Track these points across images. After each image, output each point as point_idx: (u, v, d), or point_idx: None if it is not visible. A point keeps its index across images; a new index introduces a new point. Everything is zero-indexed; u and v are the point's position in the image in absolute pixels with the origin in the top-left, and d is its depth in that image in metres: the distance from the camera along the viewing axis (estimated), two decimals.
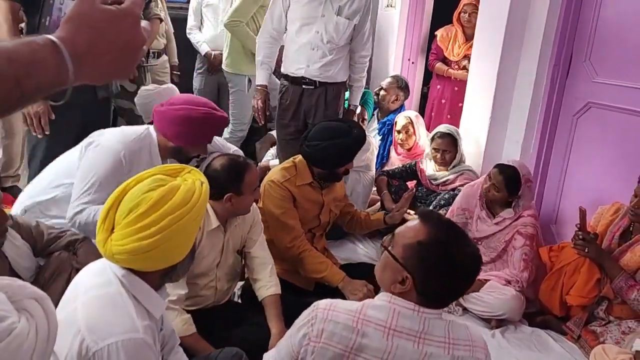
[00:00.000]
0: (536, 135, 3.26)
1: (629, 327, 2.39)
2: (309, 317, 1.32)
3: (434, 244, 1.29)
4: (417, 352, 1.25)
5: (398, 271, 1.30)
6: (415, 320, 1.27)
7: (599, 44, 2.95)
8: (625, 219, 2.52)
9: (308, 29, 3.14)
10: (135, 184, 1.30)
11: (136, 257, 1.25)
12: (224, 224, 2.16)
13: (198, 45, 4.27)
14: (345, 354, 1.26)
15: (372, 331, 1.27)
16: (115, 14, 0.69)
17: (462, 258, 1.29)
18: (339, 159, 2.55)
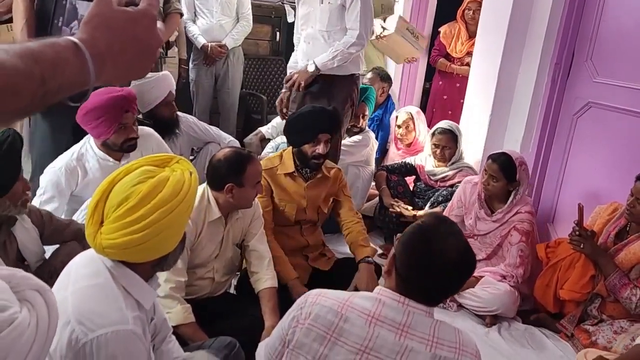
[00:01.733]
0: (536, 133, 3.26)
1: (621, 327, 2.40)
2: (300, 302, 1.36)
3: (418, 229, 1.31)
4: (398, 345, 1.24)
5: (392, 259, 1.32)
6: (400, 312, 1.27)
7: (600, 44, 2.94)
8: (622, 219, 2.53)
9: (306, 26, 3.19)
10: (123, 176, 1.29)
11: (127, 251, 1.25)
12: (225, 216, 2.17)
13: (194, 38, 4.27)
14: (327, 337, 1.27)
15: (355, 317, 1.27)
16: (132, 15, 0.70)
17: (446, 248, 1.26)
18: (300, 130, 2.56)
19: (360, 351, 1.25)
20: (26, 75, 0.59)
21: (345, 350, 1.26)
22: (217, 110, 4.62)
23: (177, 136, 3.12)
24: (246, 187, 2.10)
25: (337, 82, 3.19)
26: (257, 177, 2.13)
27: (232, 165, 2.08)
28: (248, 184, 2.09)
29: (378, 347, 1.24)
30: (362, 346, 1.25)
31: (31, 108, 0.62)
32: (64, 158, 2.43)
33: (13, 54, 0.59)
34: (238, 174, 2.08)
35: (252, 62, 5.03)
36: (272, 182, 2.59)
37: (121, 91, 2.42)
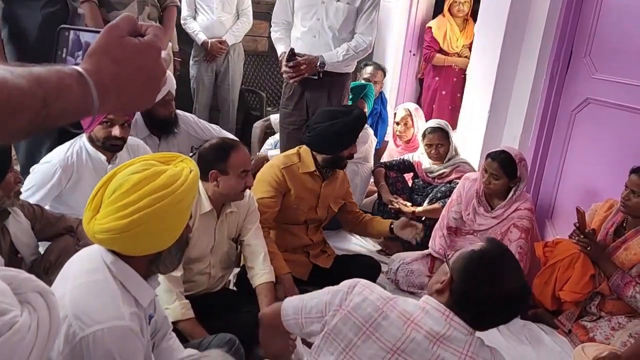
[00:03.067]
0: (534, 130, 3.27)
1: (619, 323, 2.41)
2: (350, 286, 1.39)
3: (484, 254, 1.33)
4: (430, 352, 1.26)
5: (444, 272, 1.36)
6: (441, 324, 1.29)
7: (599, 40, 2.95)
8: (618, 215, 2.54)
9: (310, 16, 3.12)
10: (125, 168, 1.31)
11: (115, 238, 1.25)
12: (217, 209, 2.18)
13: (194, 35, 4.26)
14: (363, 329, 1.31)
15: (395, 317, 1.31)
16: (138, 47, 0.71)
17: (507, 280, 1.30)
18: (341, 139, 2.55)
19: (392, 351, 1.28)
20: (28, 95, 0.60)
21: (377, 346, 1.29)
22: (217, 107, 4.62)
23: (175, 135, 3.11)
24: (230, 175, 2.09)
25: (336, 80, 3.19)
26: (241, 165, 2.11)
27: (216, 152, 2.11)
28: (232, 171, 2.09)
29: (410, 351, 1.27)
30: (394, 346, 1.28)
31: (31, 129, 0.63)
32: (59, 154, 2.36)
33: (17, 74, 0.60)
34: (222, 161, 2.09)
35: (251, 59, 5.03)
36: (292, 179, 2.57)
37: None
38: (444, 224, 2.98)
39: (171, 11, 3.52)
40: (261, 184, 2.56)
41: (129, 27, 0.71)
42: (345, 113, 2.58)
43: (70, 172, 2.36)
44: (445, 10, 4.56)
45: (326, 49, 3.11)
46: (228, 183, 2.10)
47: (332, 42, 3.11)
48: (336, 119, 2.53)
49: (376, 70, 4.22)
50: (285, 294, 2.24)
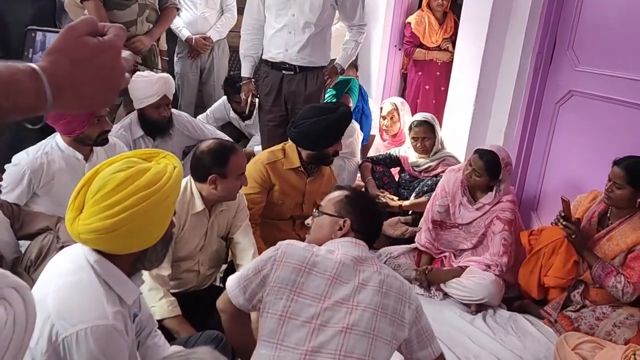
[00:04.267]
0: (519, 122, 3.30)
1: (603, 313, 2.44)
2: (274, 247, 1.59)
3: (356, 193, 1.79)
4: (355, 271, 1.56)
5: (334, 222, 1.68)
6: (356, 249, 1.62)
7: (581, 32, 2.97)
8: (601, 205, 2.57)
9: (284, 13, 3.13)
10: (107, 166, 1.30)
11: (101, 237, 1.24)
12: (209, 208, 2.17)
13: (178, 31, 4.24)
14: (302, 267, 1.52)
15: (324, 253, 1.57)
16: (97, 47, 0.71)
17: (373, 201, 1.83)
18: (326, 136, 2.56)
19: (331, 277, 1.52)
20: None
21: (319, 277, 1.52)
22: (203, 104, 4.60)
23: (170, 136, 3.08)
24: (230, 178, 2.09)
25: (312, 73, 3.20)
26: (240, 168, 2.13)
27: (216, 156, 2.09)
28: (231, 175, 2.09)
29: (342, 274, 1.54)
30: (331, 274, 1.53)
31: None
32: (28, 156, 2.33)
33: None
34: (221, 165, 2.08)
35: (236, 55, 4.97)
36: (276, 175, 2.58)
37: None
38: (429, 218, 3.00)
39: (170, 12, 3.50)
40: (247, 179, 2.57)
41: (88, 27, 0.71)
42: (331, 110, 2.59)
43: (39, 174, 2.32)
44: (424, 5, 4.57)
45: (302, 44, 3.12)
46: (227, 186, 2.11)
47: (307, 38, 3.11)
48: (322, 116, 2.54)
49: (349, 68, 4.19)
50: None
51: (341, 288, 1.52)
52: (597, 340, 2.20)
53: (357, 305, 1.49)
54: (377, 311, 1.50)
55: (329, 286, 1.51)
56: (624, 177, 2.38)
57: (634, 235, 2.39)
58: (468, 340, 2.47)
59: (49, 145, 2.38)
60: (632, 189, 2.37)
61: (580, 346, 2.13)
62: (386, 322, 1.50)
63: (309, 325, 1.46)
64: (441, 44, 4.50)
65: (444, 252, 3.00)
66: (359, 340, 1.45)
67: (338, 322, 1.47)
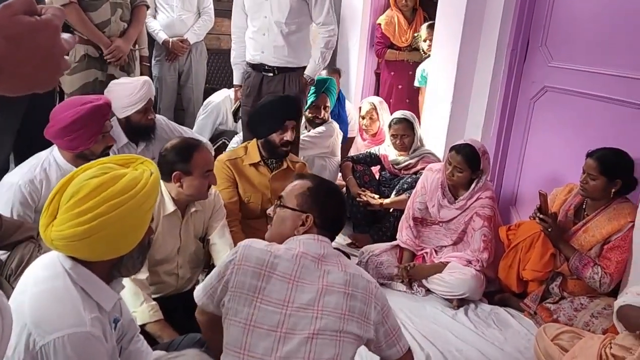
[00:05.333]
0: (496, 119, 3.34)
1: (581, 304, 2.48)
2: (234, 250, 1.55)
3: (319, 185, 1.70)
4: (318, 270, 1.53)
5: (297, 217, 1.62)
6: (317, 247, 1.57)
7: (553, 29, 3.02)
8: (577, 197, 2.62)
9: (258, 15, 3.16)
10: (82, 172, 1.28)
11: (74, 244, 1.23)
12: (182, 209, 2.16)
13: (155, 34, 4.21)
14: (262, 271, 1.48)
15: (283, 253, 1.53)
16: (33, 25, 0.68)
17: (336, 191, 1.75)
18: (264, 120, 2.60)
19: (292, 280, 1.49)
20: None
21: (279, 281, 1.48)
22: (182, 107, 4.58)
23: (152, 141, 3.07)
24: (194, 175, 2.08)
25: (291, 74, 3.21)
26: (205, 165, 2.11)
27: (179, 153, 2.09)
28: (196, 172, 2.08)
29: (304, 275, 1.51)
30: (291, 276, 1.50)
31: None
32: (26, 174, 2.29)
33: None
34: (185, 161, 2.07)
35: (215, 57, 4.99)
36: (237, 172, 2.62)
37: (99, 99, 2.36)
38: (410, 215, 3.03)
39: (140, 10, 3.47)
40: None
41: (24, 6, 0.68)
42: (279, 96, 2.68)
43: (39, 190, 2.29)
44: (392, 4, 4.60)
45: (275, 45, 3.14)
46: (192, 183, 2.09)
47: (281, 38, 3.13)
48: (267, 101, 2.64)
49: (331, 73, 4.21)
50: None
51: (304, 291, 1.48)
52: (575, 330, 2.24)
53: (323, 310, 1.46)
54: (343, 315, 1.47)
55: (291, 290, 1.48)
56: (597, 168, 2.43)
57: (609, 226, 2.45)
58: (450, 335, 2.50)
59: (47, 161, 2.34)
60: (606, 179, 2.42)
61: (559, 336, 2.17)
62: (353, 324, 1.48)
63: (274, 334, 1.43)
64: (412, 42, 4.53)
65: (424, 248, 3.03)
66: (326, 344, 1.44)
67: (304, 328, 1.44)
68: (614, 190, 2.44)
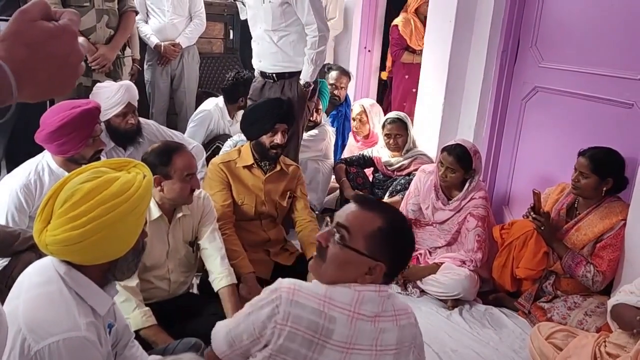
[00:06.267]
0: (487, 120, 3.35)
1: (574, 303, 2.50)
2: (273, 296, 1.29)
3: (394, 226, 1.33)
4: (374, 331, 1.31)
5: (364, 263, 1.30)
6: (376, 303, 1.32)
7: (544, 30, 3.04)
8: (569, 196, 2.64)
9: (253, 27, 3.23)
10: (75, 176, 1.29)
11: (68, 248, 1.23)
12: (168, 214, 2.15)
13: (146, 38, 4.20)
14: (314, 340, 1.26)
15: (339, 315, 1.28)
16: (52, 31, 0.68)
17: (410, 232, 1.41)
18: (254, 122, 2.62)
19: (346, 349, 1.28)
20: None
21: (333, 352, 1.27)
22: (175, 111, 4.57)
23: (140, 145, 3.05)
24: (174, 179, 2.06)
25: (290, 79, 3.21)
26: (185, 169, 2.08)
27: (159, 156, 2.08)
28: (176, 175, 2.06)
29: (359, 340, 1.30)
30: (347, 344, 1.28)
31: None
32: (20, 178, 2.27)
33: None
34: (165, 165, 2.06)
35: (207, 61, 4.99)
36: (230, 175, 2.62)
37: (88, 103, 2.34)
38: None
39: (128, 16, 3.46)
40: (209, 182, 2.63)
41: (41, 11, 0.68)
42: (272, 99, 2.72)
43: (33, 195, 2.27)
44: (411, 10, 4.61)
45: (270, 52, 3.16)
46: (172, 187, 2.07)
47: (273, 45, 3.14)
48: (259, 103, 2.69)
49: (341, 75, 4.25)
50: (249, 293, 2.24)
51: (357, 358, 1.30)
52: (569, 329, 2.25)
53: None
54: None
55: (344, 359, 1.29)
56: (588, 167, 2.45)
57: (601, 225, 2.46)
58: (446, 336, 2.50)
59: (40, 165, 2.33)
60: (597, 178, 2.44)
61: (553, 335, 2.18)
62: None
63: None
64: None
65: (418, 249, 3.03)
66: None
67: None
68: (606, 188, 2.46)
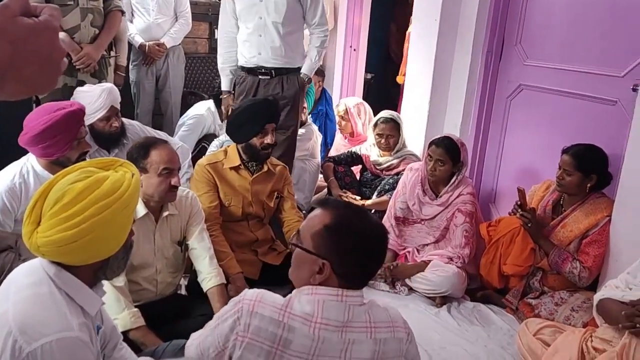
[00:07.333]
0: (473, 118, 3.38)
1: (561, 299, 2.52)
2: (236, 308, 1.29)
3: (340, 223, 1.30)
4: (341, 342, 1.26)
5: (313, 262, 1.29)
6: (341, 310, 1.27)
7: (528, 28, 3.07)
8: (554, 194, 2.66)
9: (252, 17, 3.15)
10: (62, 177, 1.28)
11: (61, 249, 1.23)
12: (155, 213, 2.14)
13: (131, 38, 4.17)
14: (272, 350, 1.24)
15: (299, 325, 1.25)
16: (33, 27, 0.66)
17: (369, 231, 1.33)
18: (244, 124, 2.58)
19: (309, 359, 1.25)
20: None
21: None
22: (160, 112, 4.54)
23: (125, 146, 3.02)
24: (150, 173, 2.05)
25: (289, 76, 3.22)
26: (162, 162, 2.06)
27: (137, 150, 2.08)
28: (152, 170, 2.05)
29: (324, 351, 1.25)
30: (309, 354, 1.25)
31: None
32: (5, 181, 2.26)
33: None
34: (143, 158, 2.05)
35: (192, 61, 4.96)
36: (217, 176, 2.60)
37: (72, 105, 2.32)
38: (392, 215, 3.05)
39: (114, 16, 3.42)
40: (196, 183, 2.61)
41: (21, 7, 0.66)
42: (258, 100, 2.69)
43: (18, 197, 2.26)
44: None
45: (273, 46, 3.14)
46: (149, 182, 2.05)
47: (278, 39, 3.14)
48: (246, 105, 2.65)
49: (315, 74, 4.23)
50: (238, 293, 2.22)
51: None
52: (556, 324, 2.28)
53: None
54: None
55: None
56: (572, 164, 2.47)
57: (587, 221, 2.49)
58: (434, 333, 2.52)
59: (24, 168, 2.30)
60: (581, 174, 2.47)
61: (541, 331, 2.20)
62: None
63: None
64: None
65: (407, 248, 3.05)
66: None
67: None
68: (590, 185, 2.49)
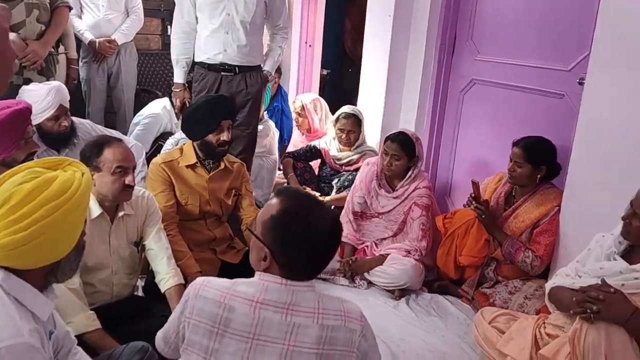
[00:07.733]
0: (427, 112, 3.43)
1: (515, 287, 2.60)
2: (186, 293, 1.36)
3: (284, 214, 1.30)
4: (285, 324, 1.27)
5: (260, 249, 1.32)
6: (283, 293, 1.28)
7: (479, 23, 3.14)
8: (506, 185, 2.74)
9: (218, 13, 3.11)
10: (8, 178, 1.23)
11: (11, 253, 1.19)
12: (110, 213, 2.09)
13: (80, 34, 4.05)
14: (214, 330, 1.27)
15: (239, 305, 1.27)
16: None
17: (316, 223, 1.30)
18: (198, 120, 2.55)
19: (250, 339, 1.26)
20: None
21: (235, 341, 1.26)
22: (112, 110, 4.43)
23: (76, 146, 2.93)
24: (104, 172, 2.00)
25: (250, 71, 3.21)
26: (115, 161, 2.01)
27: (91, 148, 2.03)
28: (105, 168, 2.00)
29: (265, 331, 1.26)
30: (250, 333, 1.26)
31: None
32: None
33: None
34: (95, 157, 2.00)
35: (145, 58, 4.86)
36: (173, 175, 2.56)
37: (18, 104, 2.23)
38: (350, 210, 3.07)
39: (61, 11, 3.32)
40: (151, 182, 2.56)
41: None
42: (214, 96, 2.69)
43: None
44: None
45: (239, 44, 3.12)
46: (102, 181, 2.00)
47: (244, 37, 3.12)
48: (201, 102, 2.62)
49: None
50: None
51: (265, 352, 1.26)
52: (510, 312, 2.33)
53: None
54: None
55: (248, 352, 1.25)
56: (522, 156, 2.55)
57: (537, 211, 2.57)
58: (393, 326, 2.55)
59: None
60: (531, 166, 2.55)
61: (496, 319, 2.25)
62: None
63: None
64: None
65: (365, 242, 3.08)
66: None
67: None
68: (540, 176, 2.57)
